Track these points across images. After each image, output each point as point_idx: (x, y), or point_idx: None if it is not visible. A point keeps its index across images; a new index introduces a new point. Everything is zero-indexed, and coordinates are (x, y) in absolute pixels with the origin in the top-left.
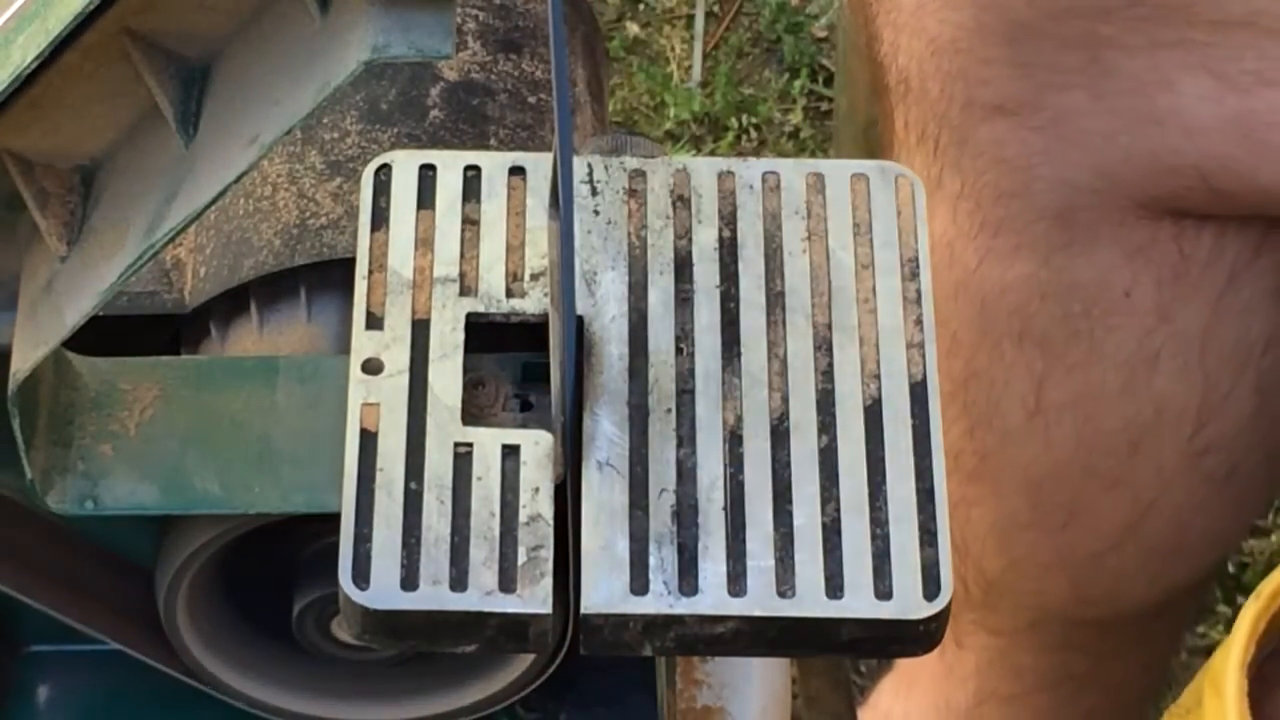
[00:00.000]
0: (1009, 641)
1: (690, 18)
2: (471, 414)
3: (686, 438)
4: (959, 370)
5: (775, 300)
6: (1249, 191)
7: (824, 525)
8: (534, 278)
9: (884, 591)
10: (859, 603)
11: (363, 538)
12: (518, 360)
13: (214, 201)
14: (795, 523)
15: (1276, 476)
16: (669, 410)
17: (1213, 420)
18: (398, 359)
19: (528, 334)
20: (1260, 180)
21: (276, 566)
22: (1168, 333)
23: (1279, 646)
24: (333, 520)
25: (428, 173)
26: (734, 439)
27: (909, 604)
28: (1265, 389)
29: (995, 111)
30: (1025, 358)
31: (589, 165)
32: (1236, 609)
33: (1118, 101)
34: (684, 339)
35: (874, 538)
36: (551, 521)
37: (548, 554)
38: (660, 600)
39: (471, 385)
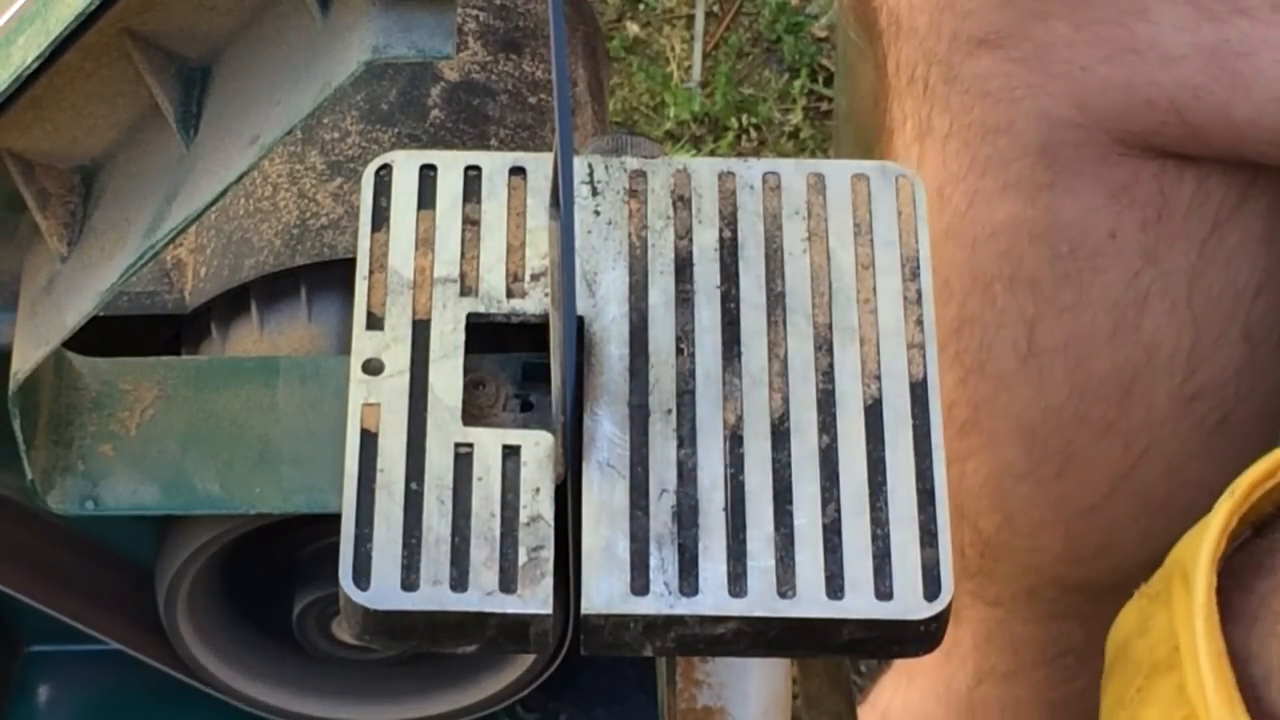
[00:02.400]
0: (1006, 612)
1: (690, 18)
2: (472, 414)
3: (687, 438)
4: (951, 317)
5: (776, 300)
6: (1221, 127)
7: (824, 525)
8: (534, 278)
9: (884, 592)
10: (859, 603)
11: (363, 538)
12: (518, 360)
13: (214, 202)
14: (796, 523)
15: (1269, 431)
16: (669, 410)
17: (1203, 365)
18: (398, 359)
19: (528, 334)
20: (1231, 115)
21: (276, 566)
22: (1154, 274)
23: (1246, 540)
24: (333, 520)
25: (428, 173)
26: (734, 439)
27: (909, 604)
28: (1255, 338)
29: (980, 44)
30: (1016, 301)
31: (589, 165)
32: None
33: (1097, 31)
34: (684, 339)
35: (874, 538)
36: (552, 522)
37: (548, 554)
38: (661, 601)
39: (472, 385)
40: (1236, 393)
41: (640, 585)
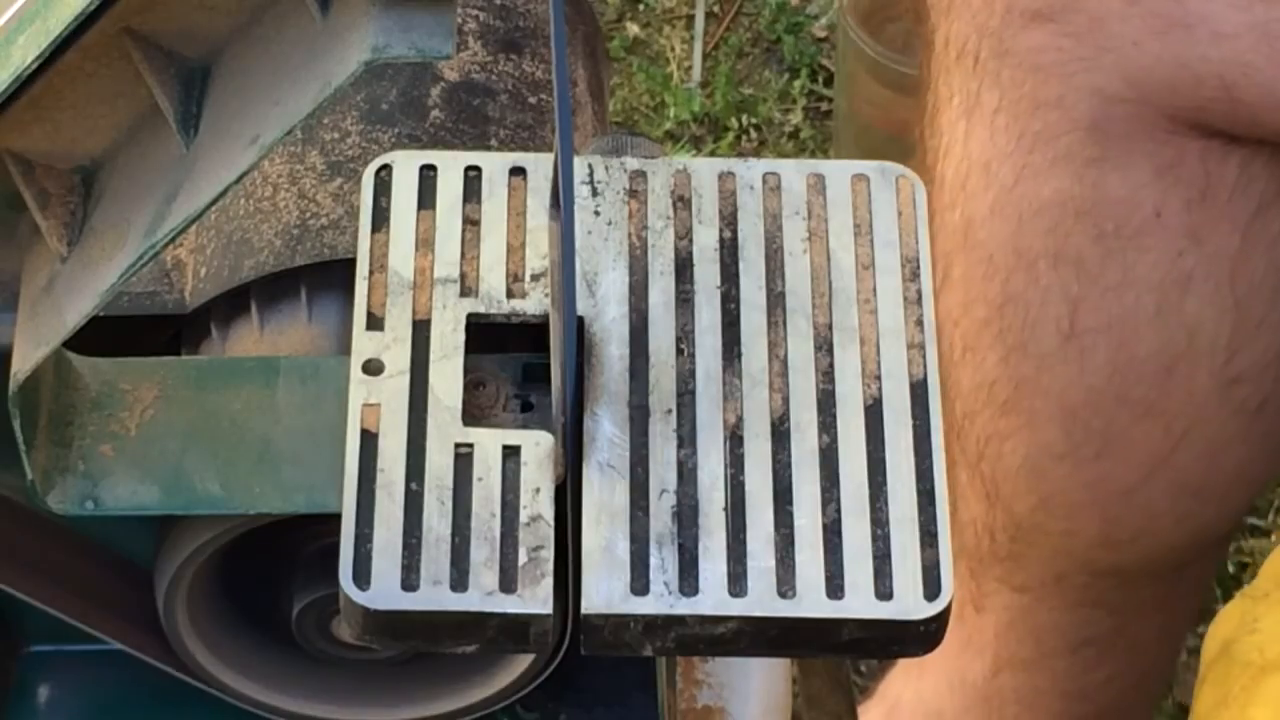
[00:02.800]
0: (1032, 599)
1: (690, 18)
2: (472, 414)
3: (687, 438)
4: (995, 294)
5: (776, 301)
6: (1268, 105)
7: (824, 526)
8: (534, 278)
9: (884, 592)
10: (859, 603)
11: (363, 538)
12: (518, 361)
13: (214, 202)
14: (796, 523)
15: None
16: (669, 411)
17: (1244, 349)
18: (398, 360)
19: (528, 334)
20: (1279, 94)
21: (276, 566)
22: (1198, 255)
23: None
24: (333, 520)
25: (428, 173)
26: (734, 439)
27: (909, 604)
28: None
29: (1033, 18)
30: (1060, 279)
31: (589, 165)
32: None
33: (1150, 6)
34: (685, 339)
35: (874, 538)
36: (552, 522)
37: (548, 554)
38: (661, 601)
39: (472, 386)
40: (1277, 377)
41: (640, 585)
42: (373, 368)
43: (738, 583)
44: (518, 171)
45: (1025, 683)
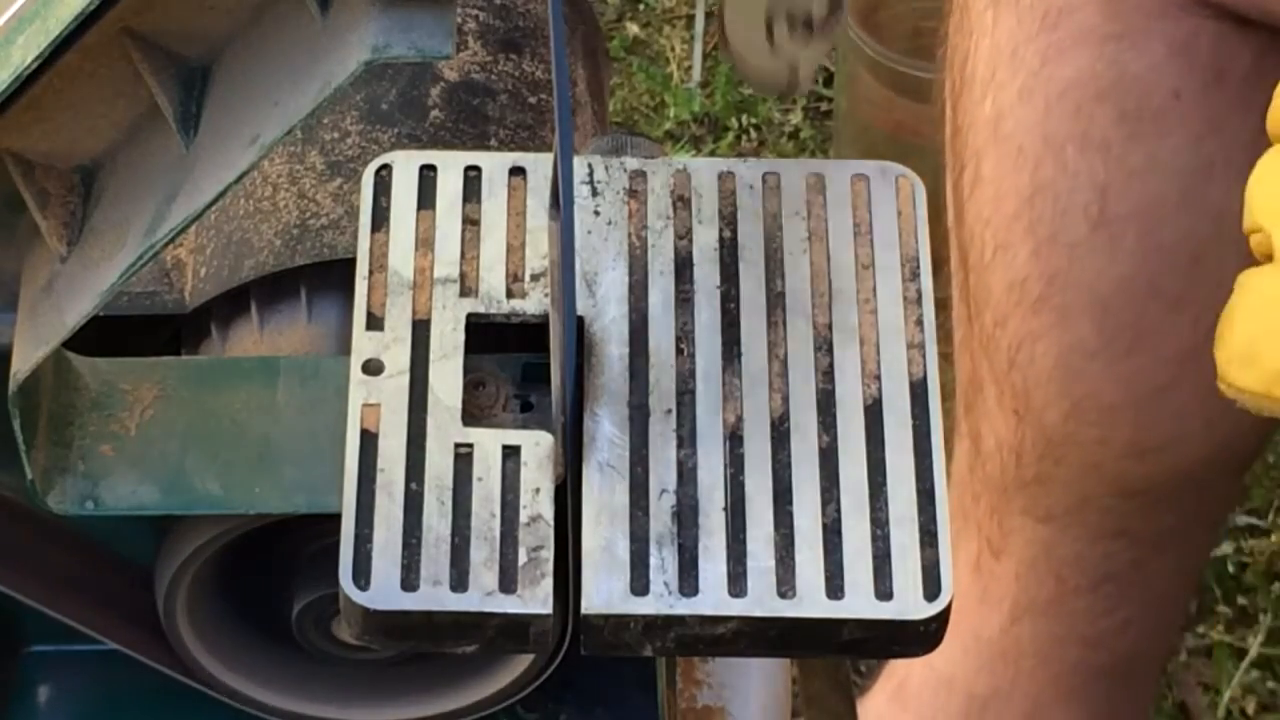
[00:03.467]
0: (1056, 530)
1: (690, 18)
2: (472, 414)
3: (687, 438)
4: (1025, 185)
5: (776, 301)
6: None
7: (824, 526)
8: (534, 278)
9: (884, 592)
10: (859, 603)
11: (363, 538)
12: (518, 361)
13: (214, 202)
14: (796, 523)
15: None
16: (669, 411)
17: None
18: (398, 360)
19: (528, 334)
20: None
21: (276, 566)
22: (1218, 142)
23: None
24: (333, 520)
25: (428, 173)
26: (734, 440)
27: (909, 605)
28: None
29: None
30: (1088, 164)
31: (589, 165)
32: (1237, 609)
33: None
34: (684, 339)
35: (874, 538)
36: (552, 522)
37: (548, 554)
38: (661, 601)
39: (472, 386)
40: None
41: (640, 585)
42: (373, 368)
43: (738, 583)
44: (518, 171)
45: (1043, 630)
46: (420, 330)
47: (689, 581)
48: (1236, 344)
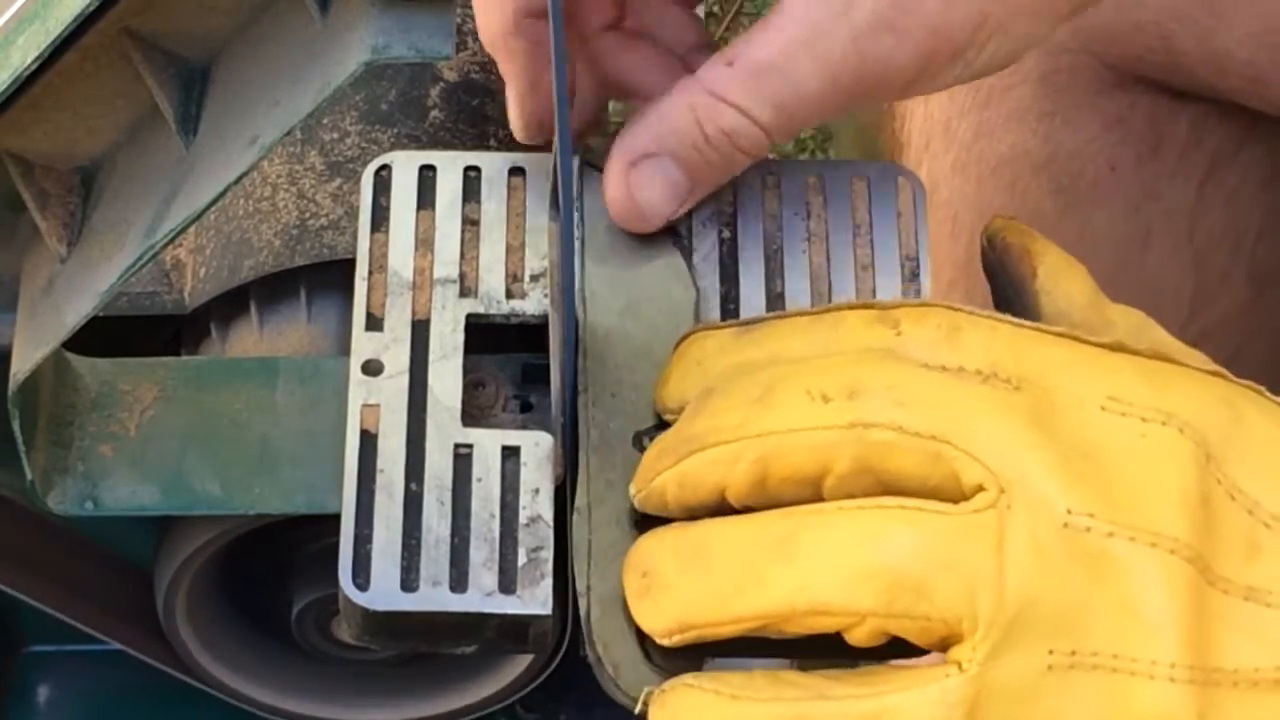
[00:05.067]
0: None
1: None
2: (472, 415)
3: None
4: (961, 254)
5: (776, 301)
6: (1203, 57)
7: None
8: (534, 278)
9: None
10: None
11: (363, 538)
12: (518, 361)
13: (214, 202)
14: None
15: (1278, 374)
16: None
17: (1207, 307)
18: (398, 360)
19: (528, 335)
20: (1214, 45)
21: (276, 566)
22: (1155, 211)
23: None
24: (333, 520)
25: (428, 173)
26: None
27: None
28: (1260, 278)
29: None
30: None
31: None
32: None
33: None
34: None
35: None
36: (552, 522)
37: (548, 555)
38: None
39: (472, 386)
40: (1246, 329)
41: None
42: (372, 368)
43: None
44: (517, 171)
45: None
46: (420, 330)
47: None
48: None
